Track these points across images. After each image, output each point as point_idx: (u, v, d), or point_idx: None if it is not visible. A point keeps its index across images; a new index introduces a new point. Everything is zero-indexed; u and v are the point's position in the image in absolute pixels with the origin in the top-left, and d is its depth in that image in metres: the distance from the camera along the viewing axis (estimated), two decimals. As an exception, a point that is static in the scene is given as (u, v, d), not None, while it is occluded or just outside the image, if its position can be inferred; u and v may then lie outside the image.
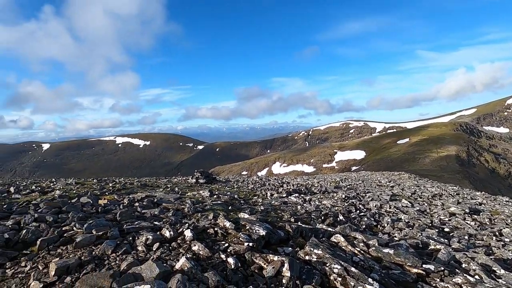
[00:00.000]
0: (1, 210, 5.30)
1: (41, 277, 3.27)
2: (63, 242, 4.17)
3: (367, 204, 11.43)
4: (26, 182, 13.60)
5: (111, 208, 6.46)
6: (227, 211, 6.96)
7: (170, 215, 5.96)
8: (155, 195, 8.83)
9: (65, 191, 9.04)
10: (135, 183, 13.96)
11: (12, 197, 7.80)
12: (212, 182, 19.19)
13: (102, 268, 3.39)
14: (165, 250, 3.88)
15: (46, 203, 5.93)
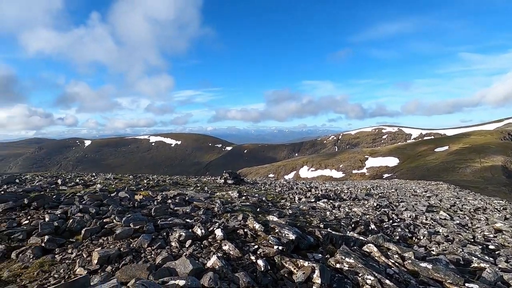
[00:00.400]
0: (51, 200, 5.80)
1: (85, 264, 3.52)
2: (104, 233, 4.47)
3: (400, 214, 10.87)
4: (70, 175, 14.74)
5: (146, 203, 6.80)
6: (255, 213, 7.00)
7: (201, 214, 6.12)
8: (186, 193, 9.13)
9: (105, 185, 9.66)
10: (167, 181, 14.54)
11: (59, 188, 8.50)
12: (240, 183, 19.40)
13: (139, 261, 3.58)
14: (197, 248, 4.00)
15: (89, 195, 6.39)
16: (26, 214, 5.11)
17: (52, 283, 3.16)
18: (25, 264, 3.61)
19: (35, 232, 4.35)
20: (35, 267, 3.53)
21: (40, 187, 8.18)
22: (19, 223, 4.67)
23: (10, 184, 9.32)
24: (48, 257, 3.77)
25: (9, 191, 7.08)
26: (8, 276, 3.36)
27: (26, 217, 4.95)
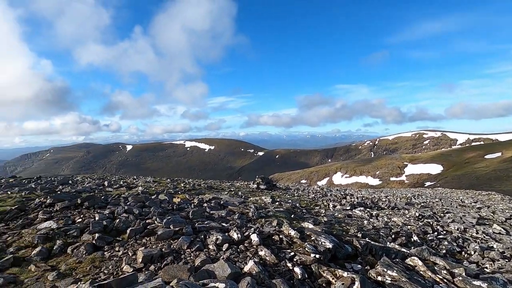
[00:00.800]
0: (100, 201, 6.27)
1: (131, 262, 3.75)
2: (147, 233, 4.72)
3: (446, 226, 10.05)
4: (115, 178, 15.83)
5: (184, 206, 7.07)
6: (290, 219, 6.93)
7: (235, 218, 6.21)
8: (221, 198, 9.33)
9: (146, 188, 10.23)
10: (202, 185, 14.99)
11: (106, 190, 9.16)
12: (273, 188, 19.36)
13: (180, 261, 3.72)
14: (234, 252, 4.06)
15: (133, 197, 6.81)
16: (79, 213, 5.59)
17: (102, 278, 3.41)
18: (79, 259, 3.94)
19: (87, 229, 4.73)
20: (88, 262, 3.83)
21: (90, 188, 8.89)
22: (73, 221, 5.12)
23: (64, 185, 10.26)
24: (98, 254, 4.08)
25: (64, 191, 7.79)
26: (65, 269, 3.69)
27: (79, 215, 5.42)
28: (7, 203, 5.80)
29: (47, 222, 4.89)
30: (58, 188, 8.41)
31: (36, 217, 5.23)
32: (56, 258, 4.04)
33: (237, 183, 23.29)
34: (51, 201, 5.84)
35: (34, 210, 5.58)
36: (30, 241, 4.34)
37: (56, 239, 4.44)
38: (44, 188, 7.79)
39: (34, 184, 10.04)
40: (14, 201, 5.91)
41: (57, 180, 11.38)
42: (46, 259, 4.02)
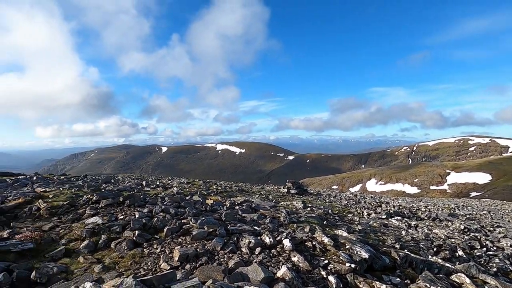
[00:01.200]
0: (139, 200, 6.64)
1: (168, 260, 3.91)
2: (183, 233, 4.90)
3: (497, 241, 9.15)
4: (152, 178, 16.66)
5: (216, 208, 7.23)
6: (322, 226, 6.78)
7: (267, 222, 6.21)
8: (252, 201, 9.40)
9: (180, 188, 10.63)
10: (233, 187, 15.20)
11: (144, 189, 9.67)
12: (303, 193, 19.07)
13: (213, 262, 3.81)
14: (266, 256, 4.06)
15: (169, 197, 7.11)
16: (121, 210, 5.97)
17: (142, 273, 3.59)
18: (121, 254, 4.20)
19: (128, 226, 5.03)
20: (129, 258, 4.07)
21: (130, 187, 9.44)
22: (116, 218, 5.47)
23: (108, 183, 11.00)
24: (138, 250, 4.31)
25: (107, 189, 8.35)
26: (109, 262, 3.95)
27: (121, 212, 5.78)
28: (59, 198, 6.37)
29: (94, 218, 5.28)
30: (102, 186, 9.05)
31: (84, 213, 5.67)
32: (101, 252, 4.34)
33: (267, 186, 23.30)
34: (96, 198, 6.30)
35: (82, 206, 6.06)
36: (79, 234, 4.71)
37: (101, 234, 4.78)
38: (90, 186, 8.43)
39: (81, 181, 10.91)
40: (66, 197, 6.47)
41: (101, 178, 12.25)
42: (93, 252, 4.34)
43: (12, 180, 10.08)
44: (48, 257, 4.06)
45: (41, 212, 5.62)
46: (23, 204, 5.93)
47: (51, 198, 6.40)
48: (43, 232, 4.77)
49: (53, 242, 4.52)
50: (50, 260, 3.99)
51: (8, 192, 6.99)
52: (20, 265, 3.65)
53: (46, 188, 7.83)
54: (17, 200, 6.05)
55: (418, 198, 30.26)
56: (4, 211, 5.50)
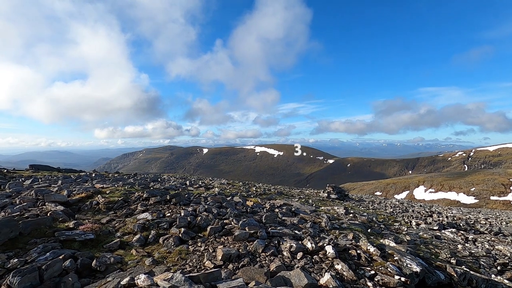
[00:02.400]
0: (184, 199, 6.97)
1: (211, 258, 4.04)
2: (225, 233, 5.03)
3: None
4: (194, 178, 17.40)
5: (256, 210, 7.29)
6: (367, 234, 6.45)
7: (308, 227, 6.09)
8: (291, 204, 9.30)
9: (221, 189, 10.93)
10: (272, 190, 15.21)
11: (188, 189, 10.13)
12: (344, 199, 18.36)
13: (255, 264, 3.83)
14: (308, 261, 3.98)
15: (211, 197, 7.36)
16: (168, 208, 6.32)
17: (188, 270, 3.76)
18: (168, 250, 4.44)
19: (174, 223, 5.31)
20: (176, 254, 4.29)
21: (175, 186, 9.96)
22: (164, 215, 5.80)
23: (155, 182, 11.74)
24: (184, 247, 4.52)
25: (155, 188, 8.91)
26: (158, 257, 4.20)
27: (168, 210, 6.12)
28: (115, 194, 6.97)
29: (144, 214, 5.67)
30: (150, 185, 9.69)
31: (136, 209, 6.12)
32: (151, 246, 4.64)
33: (306, 190, 22.89)
34: (146, 196, 6.76)
35: (134, 202, 6.55)
36: (132, 228, 5.09)
37: (151, 229, 5.11)
38: (140, 184, 9.08)
39: (132, 179, 11.80)
40: (120, 193, 7.05)
41: (149, 177, 13.12)
42: (143, 245, 4.65)
43: (75, 176, 11.29)
44: (106, 248, 4.45)
45: (100, 206, 6.20)
46: (85, 198, 6.60)
47: (108, 194, 7.03)
48: (101, 224, 5.25)
49: (109, 234, 4.94)
50: (107, 251, 4.37)
51: (73, 187, 7.83)
52: (83, 253, 4.05)
53: (103, 184, 8.62)
54: (80, 194, 6.76)
55: (476, 209, 27.32)
56: (70, 204, 6.18)
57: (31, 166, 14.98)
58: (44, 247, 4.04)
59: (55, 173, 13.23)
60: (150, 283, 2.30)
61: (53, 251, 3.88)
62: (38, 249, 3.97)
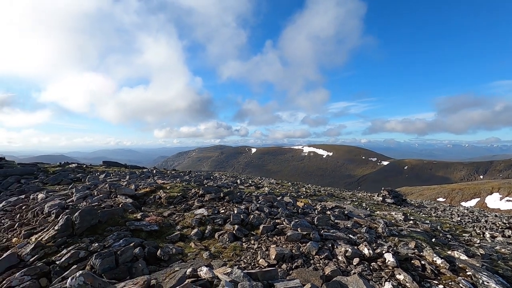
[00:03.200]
0: (237, 197, 7.21)
1: (265, 257, 4.10)
2: (277, 233, 5.06)
3: None
4: (244, 177, 17.85)
5: (307, 211, 7.18)
6: (431, 244, 5.88)
7: (363, 232, 5.80)
8: (344, 207, 8.94)
9: (271, 189, 11.02)
10: (322, 191, 14.81)
11: (239, 187, 10.43)
12: (402, 204, 17.02)
13: (309, 266, 3.79)
14: (365, 268, 3.79)
15: (263, 196, 7.47)
16: (222, 204, 6.60)
17: (243, 266, 3.87)
18: (224, 245, 4.64)
19: (228, 220, 5.52)
20: (230, 249, 4.46)
21: (227, 184, 10.35)
22: (218, 211, 6.08)
23: (208, 179, 12.35)
24: (238, 243, 4.67)
25: (209, 185, 9.36)
26: (214, 251, 4.42)
27: (222, 207, 6.39)
28: (174, 190, 7.52)
29: (201, 209, 6.01)
30: (204, 182, 10.21)
31: (193, 204, 6.52)
32: (207, 240, 4.90)
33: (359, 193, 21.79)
34: (202, 192, 7.16)
35: (191, 198, 6.99)
36: (190, 223, 5.43)
37: (207, 224, 5.39)
38: (196, 181, 9.65)
39: (188, 176, 12.59)
40: (179, 189, 7.59)
41: (203, 175, 13.85)
42: (200, 239, 4.93)
43: (139, 172, 12.47)
44: (168, 239, 4.83)
45: (162, 200, 6.75)
46: (149, 193, 7.26)
47: (168, 189, 7.62)
48: (163, 217, 5.70)
49: (170, 227, 5.35)
50: (169, 242, 4.73)
51: (138, 182, 8.66)
52: (149, 242, 4.46)
53: (164, 180, 9.37)
54: (145, 189, 7.45)
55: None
56: (137, 197, 6.86)
57: (104, 162, 16.99)
58: (118, 234, 4.54)
59: (123, 169, 14.81)
60: (212, 276, 2.44)
61: (125, 239, 4.35)
62: (113, 236, 4.49)
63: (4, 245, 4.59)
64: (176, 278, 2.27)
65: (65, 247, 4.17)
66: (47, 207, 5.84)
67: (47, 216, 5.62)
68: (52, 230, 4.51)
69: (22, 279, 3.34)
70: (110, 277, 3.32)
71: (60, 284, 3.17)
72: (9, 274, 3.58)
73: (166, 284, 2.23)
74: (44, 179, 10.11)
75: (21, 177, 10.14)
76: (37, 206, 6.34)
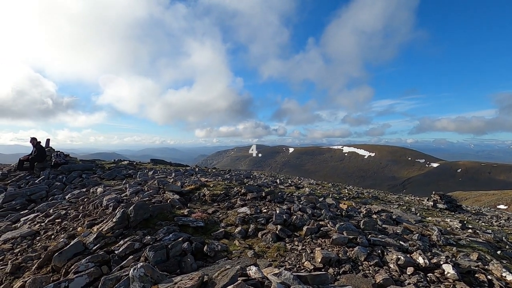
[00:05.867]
0: (278, 196, 7.18)
1: (310, 259, 4.01)
2: (321, 235, 4.93)
3: None
4: (283, 177, 17.75)
5: (352, 214, 6.88)
6: (496, 257, 5.27)
7: (415, 239, 5.39)
8: (391, 211, 8.42)
9: (312, 189, 10.79)
10: (365, 194, 14.12)
11: (279, 187, 10.39)
12: (456, 210, 15.55)
13: (358, 273, 3.61)
14: (421, 279, 3.50)
15: (304, 197, 7.34)
16: (264, 204, 6.62)
17: (288, 267, 3.83)
18: (267, 244, 4.64)
19: (271, 220, 5.51)
20: (274, 250, 4.44)
21: (267, 184, 10.37)
22: (261, 211, 6.10)
23: (248, 178, 12.51)
24: (281, 244, 4.64)
25: (250, 184, 9.46)
26: (258, 250, 4.43)
27: (264, 206, 6.41)
28: (217, 188, 7.73)
29: (243, 208, 6.09)
30: (245, 181, 10.36)
31: (236, 202, 6.63)
32: (251, 239, 4.94)
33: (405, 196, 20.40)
34: (244, 191, 7.25)
35: (234, 196, 7.12)
36: (233, 221, 5.53)
37: (250, 223, 5.44)
38: (237, 180, 9.83)
39: (228, 175, 12.88)
40: (222, 187, 7.79)
41: (242, 174, 14.05)
42: (244, 238, 4.99)
43: (183, 170, 13.07)
44: (213, 236, 4.96)
45: (206, 198, 6.98)
46: (194, 190, 7.55)
47: (211, 187, 7.85)
48: (208, 214, 5.89)
49: (215, 224, 5.50)
50: (214, 239, 4.86)
51: (184, 179, 9.07)
52: (196, 238, 4.63)
53: (206, 178, 9.69)
54: (190, 186, 7.77)
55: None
56: (183, 194, 7.18)
57: (152, 160, 18.12)
58: (168, 229, 4.79)
59: (168, 167, 15.65)
60: (262, 276, 2.44)
61: (174, 233, 4.57)
62: (163, 230, 4.74)
63: (71, 233, 5.12)
64: (228, 276, 2.31)
65: (122, 238, 4.51)
66: (105, 200, 6.39)
67: (105, 209, 6.14)
68: (110, 222, 4.91)
69: (87, 265, 3.68)
70: (161, 269, 3.50)
71: (119, 272, 3.43)
72: (76, 260, 3.98)
73: (219, 281, 2.28)
74: (101, 174, 11.09)
75: (82, 172, 11.23)
76: (96, 199, 6.96)
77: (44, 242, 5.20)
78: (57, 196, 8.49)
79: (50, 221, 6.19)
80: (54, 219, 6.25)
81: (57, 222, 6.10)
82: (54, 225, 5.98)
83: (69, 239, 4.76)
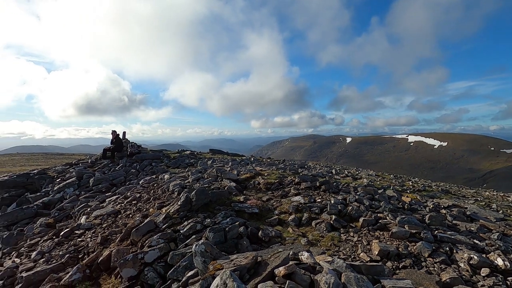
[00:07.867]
0: (333, 187, 7.02)
1: (366, 251, 3.88)
2: (379, 227, 4.70)
3: None
4: (339, 167, 17.14)
5: (416, 207, 6.35)
6: None
7: (494, 238, 4.75)
8: (465, 207, 7.50)
9: (370, 180, 10.21)
10: (434, 187, 12.79)
11: (334, 177, 10.09)
12: (555, 209, 13.04)
13: (420, 269, 3.37)
14: (499, 282, 3.11)
15: (362, 188, 7.03)
16: (318, 194, 6.56)
17: (342, 257, 3.77)
18: (321, 234, 4.62)
19: (325, 210, 5.44)
20: (328, 239, 4.40)
21: (322, 174, 10.17)
22: (315, 200, 6.06)
23: (302, 168, 12.41)
24: (336, 234, 4.57)
25: (304, 174, 9.40)
26: (312, 239, 4.45)
27: (318, 196, 6.35)
28: (271, 177, 7.90)
29: (297, 197, 6.14)
30: (299, 170, 10.32)
31: (289, 191, 6.71)
32: (304, 227, 4.98)
33: (485, 191, 17.83)
34: (298, 180, 7.27)
35: (288, 185, 7.20)
36: (287, 209, 5.62)
37: (303, 212, 5.46)
38: (291, 169, 9.86)
39: (282, 165, 12.98)
40: (276, 176, 7.94)
41: (297, 164, 14.00)
42: (298, 226, 5.05)
43: (239, 159, 13.61)
44: (267, 222, 5.14)
45: (260, 186, 7.21)
46: (249, 178, 7.86)
47: (265, 176, 8.06)
48: (262, 202, 6.09)
49: (269, 211, 5.67)
50: (268, 225, 5.03)
51: (239, 168, 9.48)
52: (251, 223, 4.86)
53: (261, 167, 9.95)
54: (245, 174, 8.10)
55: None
56: (239, 182, 7.54)
57: (211, 150, 19.27)
58: (225, 213, 5.12)
59: (226, 156, 16.47)
60: (314, 262, 2.47)
61: (231, 218, 4.87)
62: (221, 214, 5.09)
63: (145, 213, 5.85)
64: (280, 258, 2.41)
65: (186, 219, 4.99)
66: (172, 186, 7.09)
67: (172, 193, 6.82)
68: (176, 205, 5.46)
69: (158, 241, 4.20)
70: (220, 249, 3.78)
71: (184, 249, 3.84)
72: (149, 236, 4.56)
73: (272, 262, 2.40)
74: (167, 163, 12.27)
75: (152, 160, 12.58)
76: (164, 184, 7.77)
77: (124, 220, 6.06)
78: (132, 181, 9.72)
79: (128, 202, 7.15)
80: (131, 201, 7.20)
81: (133, 203, 7.02)
82: (131, 205, 6.90)
83: (143, 218, 5.46)
